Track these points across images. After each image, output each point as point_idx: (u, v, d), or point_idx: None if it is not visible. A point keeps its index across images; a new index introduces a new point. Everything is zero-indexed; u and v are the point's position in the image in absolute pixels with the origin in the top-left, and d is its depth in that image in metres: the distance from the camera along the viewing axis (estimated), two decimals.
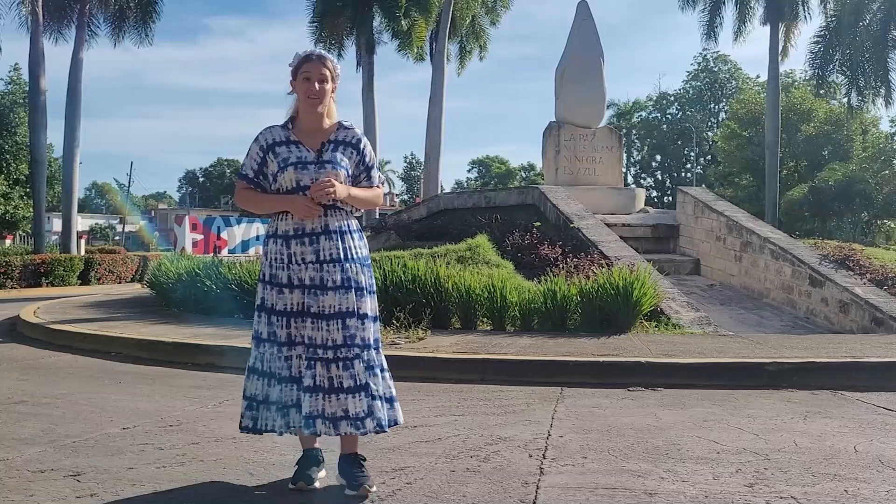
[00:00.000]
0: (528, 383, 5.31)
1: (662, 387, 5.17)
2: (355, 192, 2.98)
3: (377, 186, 3.10)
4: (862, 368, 5.41)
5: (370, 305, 2.95)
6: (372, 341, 2.94)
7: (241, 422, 2.98)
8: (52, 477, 3.09)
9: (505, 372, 5.56)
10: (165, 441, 3.69)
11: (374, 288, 3.03)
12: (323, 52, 3.05)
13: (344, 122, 3.04)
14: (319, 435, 2.90)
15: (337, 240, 2.90)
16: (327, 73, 2.95)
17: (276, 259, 2.92)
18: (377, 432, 2.90)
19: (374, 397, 2.86)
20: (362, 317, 2.90)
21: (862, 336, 7.41)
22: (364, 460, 2.94)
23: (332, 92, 3.00)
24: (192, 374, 5.81)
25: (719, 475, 3.14)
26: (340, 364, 2.83)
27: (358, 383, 2.83)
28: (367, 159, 3.04)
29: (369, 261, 3.04)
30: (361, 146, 3.03)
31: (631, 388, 5.15)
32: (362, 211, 3.13)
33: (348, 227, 2.97)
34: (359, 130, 3.06)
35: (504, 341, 6.56)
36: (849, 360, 5.57)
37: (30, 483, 3.01)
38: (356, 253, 2.95)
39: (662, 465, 3.30)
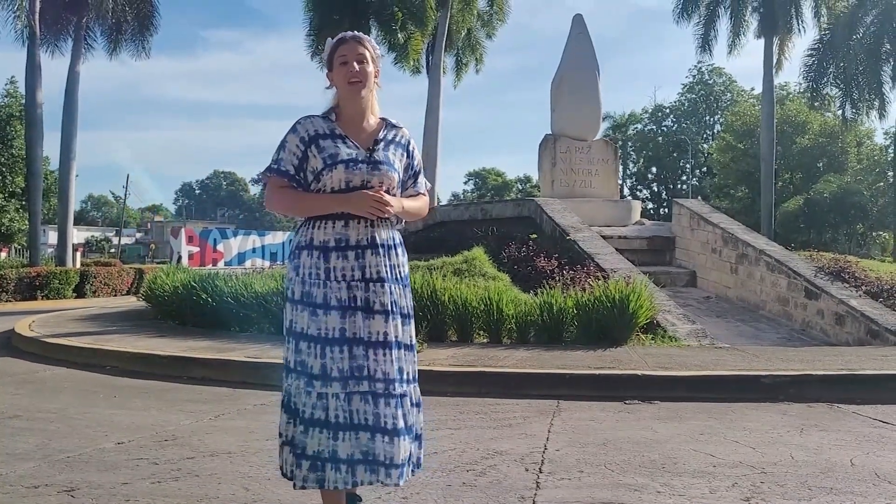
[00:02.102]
0: (524, 396, 5.31)
1: (659, 400, 5.17)
2: (407, 203, 2.61)
3: (423, 194, 2.73)
4: (858, 381, 5.41)
5: (412, 333, 2.60)
6: (413, 374, 2.60)
7: (280, 465, 2.51)
8: (45, 493, 3.07)
9: (501, 385, 5.55)
10: (160, 456, 3.68)
11: (413, 311, 2.67)
12: (358, 32, 2.67)
13: (390, 120, 2.67)
14: (362, 484, 2.43)
15: (384, 255, 2.51)
16: (366, 53, 2.57)
17: (310, 274, 2.47)
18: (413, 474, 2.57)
19: (415, 437, 2.55)
20: (406, 346, 2.55)
21: (858, 348, 7.42)
22: (360, 500, 2.68)
23: (375, 77, 2.61)
24: (187, 388, 5.79)
25: (716, 489, 3.14)
26: (392, 401, 2.44)
27: (407, 423, 2.49)
28: (415, 163, 2.70)
29: (409, 279, 2.68)
30: (411, 148, 2.68)
31: (627, 401, 5.14)
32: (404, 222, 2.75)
33: (394, 240, 2.58)
34: (407, 130, 2.70)
35: (500, 354, 6.55)
36: (845, 372, 5.57)
37: (23, 499, 2.99)
38: (400, 272, 2.58)
39: (659, 478, 3.30)
